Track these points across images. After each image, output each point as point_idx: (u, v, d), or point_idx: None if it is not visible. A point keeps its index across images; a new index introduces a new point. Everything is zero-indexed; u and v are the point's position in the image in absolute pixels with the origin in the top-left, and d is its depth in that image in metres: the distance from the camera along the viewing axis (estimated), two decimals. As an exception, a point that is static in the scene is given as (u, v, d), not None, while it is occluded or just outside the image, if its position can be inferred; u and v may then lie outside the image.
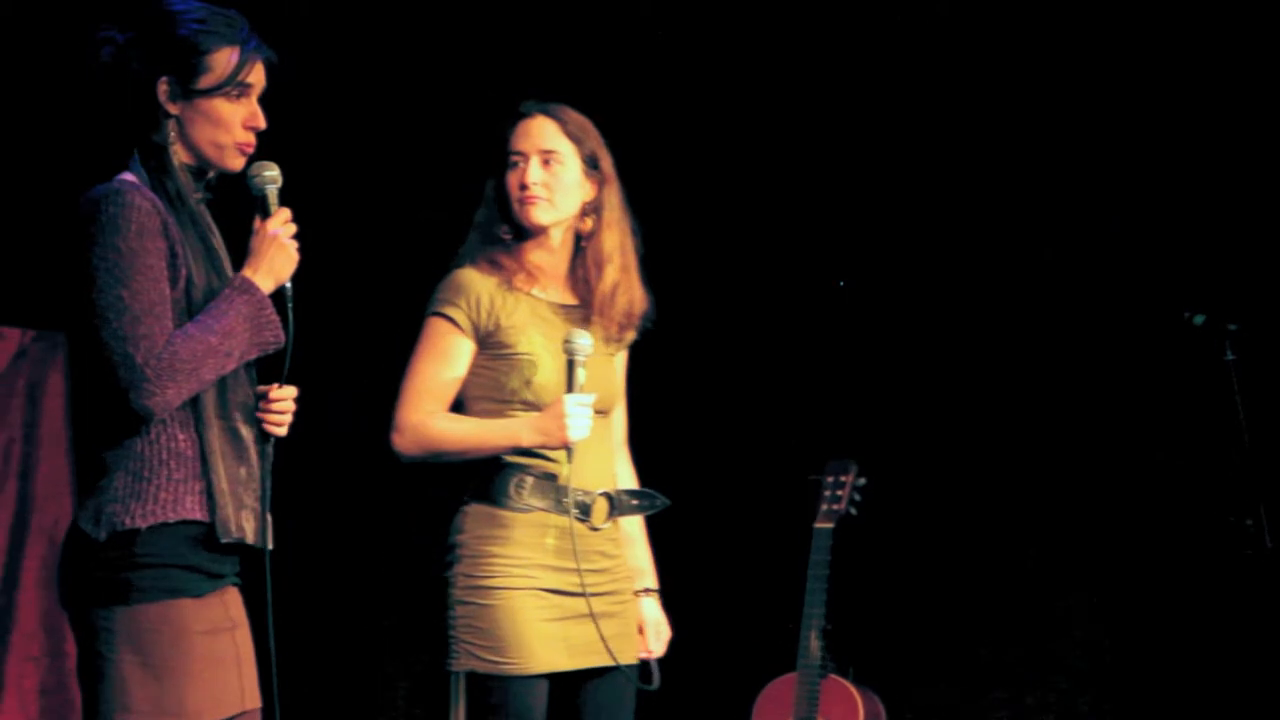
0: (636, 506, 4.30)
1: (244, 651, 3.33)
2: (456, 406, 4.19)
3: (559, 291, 4.27)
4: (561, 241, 4.26)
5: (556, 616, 4.11)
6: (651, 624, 4.34)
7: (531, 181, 4.17)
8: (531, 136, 4.20)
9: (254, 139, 3.37)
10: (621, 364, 4.38)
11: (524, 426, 4.10)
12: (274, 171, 3.38)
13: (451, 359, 4.16)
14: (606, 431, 4.27)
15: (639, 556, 4.37)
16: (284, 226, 3.36)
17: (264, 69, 3.37)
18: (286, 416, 3.41)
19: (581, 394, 4.05)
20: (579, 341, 4.06)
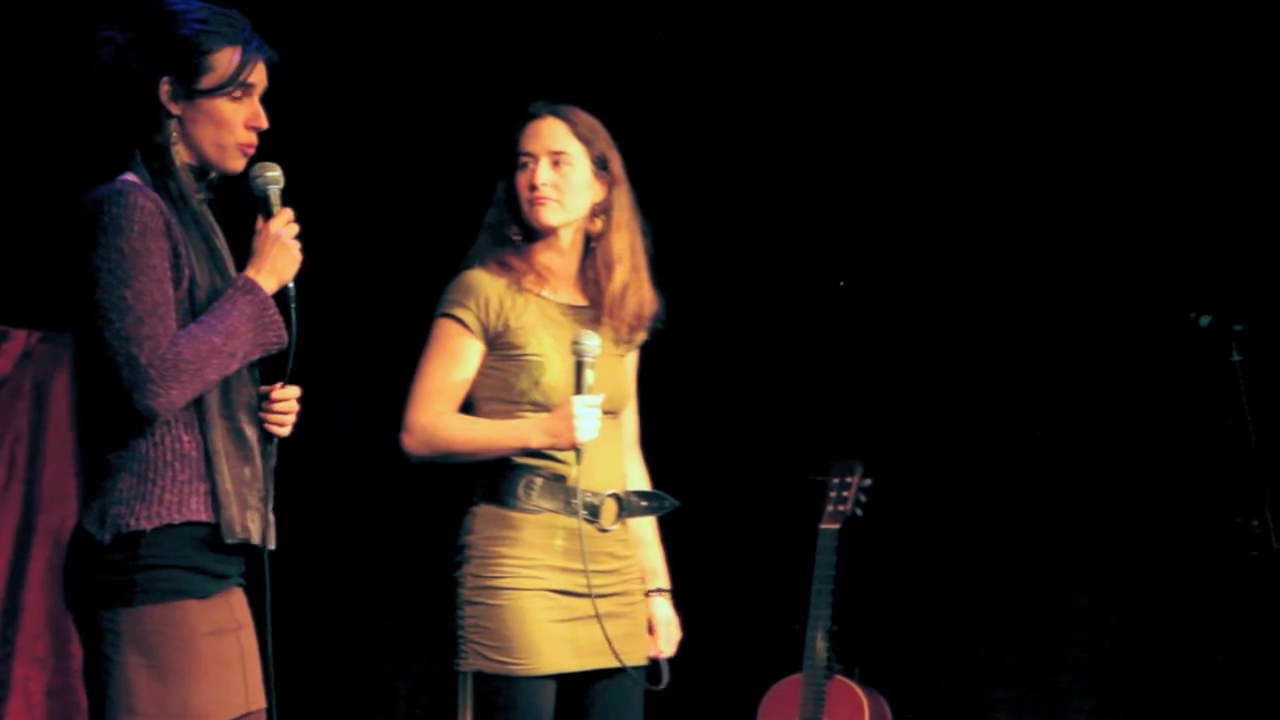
0: (645, 508, 4.30)
1: (249, 652, 3.33)
2: (466, 407, 4.19)
3: (568, 292, 4.28)
4: (571, 242, 4.26)
5: (564, 617, 4.11)
6: (663, 624, 4.34)
7: (541, 182, 4.18)
8: (541, 138, 4.21)
9: (256, 139, 3.37)
10: (632, 365, 4.38)
11: (533, 428, 4.10)
12: (276, 172, 3.38)
13: (460, 360, 4.17)
14: (616, 432, 4.27)
15: (651, 557, 4.37)
16: (286, 227, 3.36)
17: (266, 69, 3.37)
18: (290, 417, 3.41)
19: (590, 395, 4.06)
20: (587, 343, 4.06)
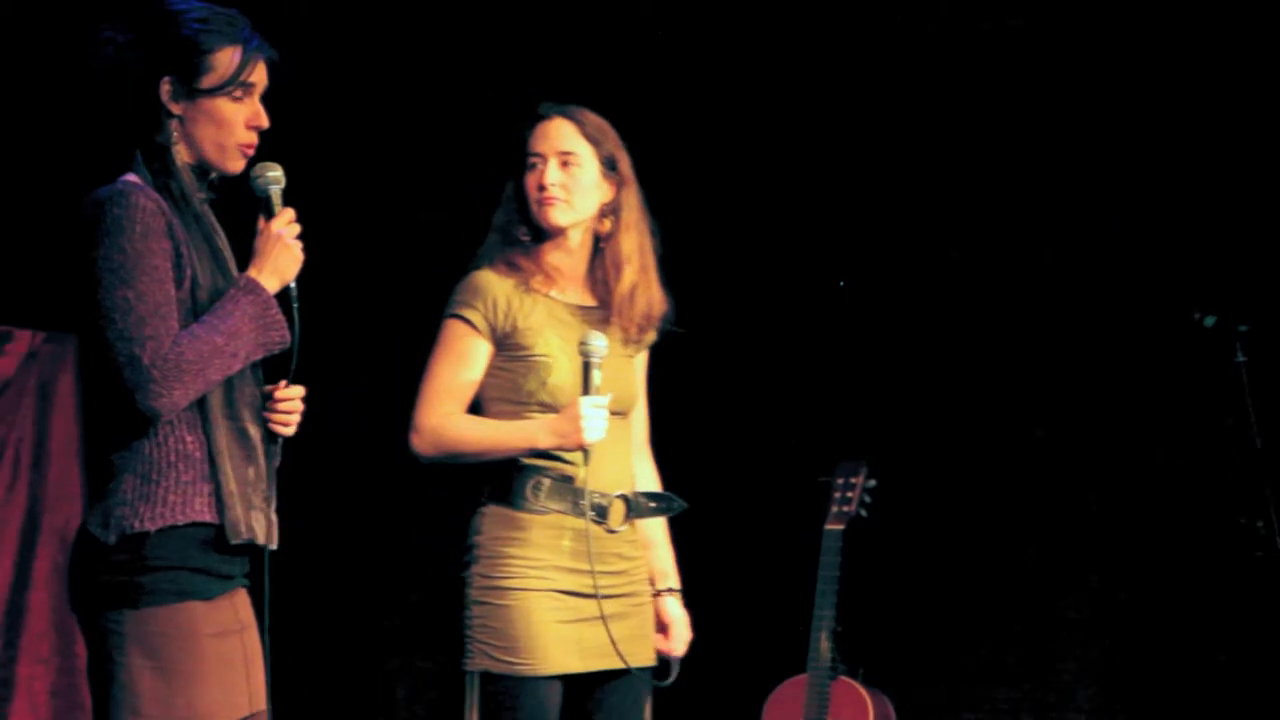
0: (654, 509, 4.30)
1: (252, 653, 3.33)
2: (475, 408, 4.19)
3: (577, 293, 4.28)
4: (580, 243, 4.27)
5: (571, 618, 4.11)
6: (674, 623, 4.34)
7: (549, 183, 4.18)
8: (550, 138, 4.21)
9: (256, 139, 3.36)
10: (641, 365, 4.38)
11: (540, 428, 4.10)
12: (277, 172, 3.38)
13: (469, 361, 4.17)
14: (625, 433, 4.27)
15: (661, 558, 4.37)
16: (288, 226, 3.36)
17: (266, 68, 3.37)
18: (294, 416, 3.41)
19: (597, 396, 4.06)
20: (594, 343, 4.06)
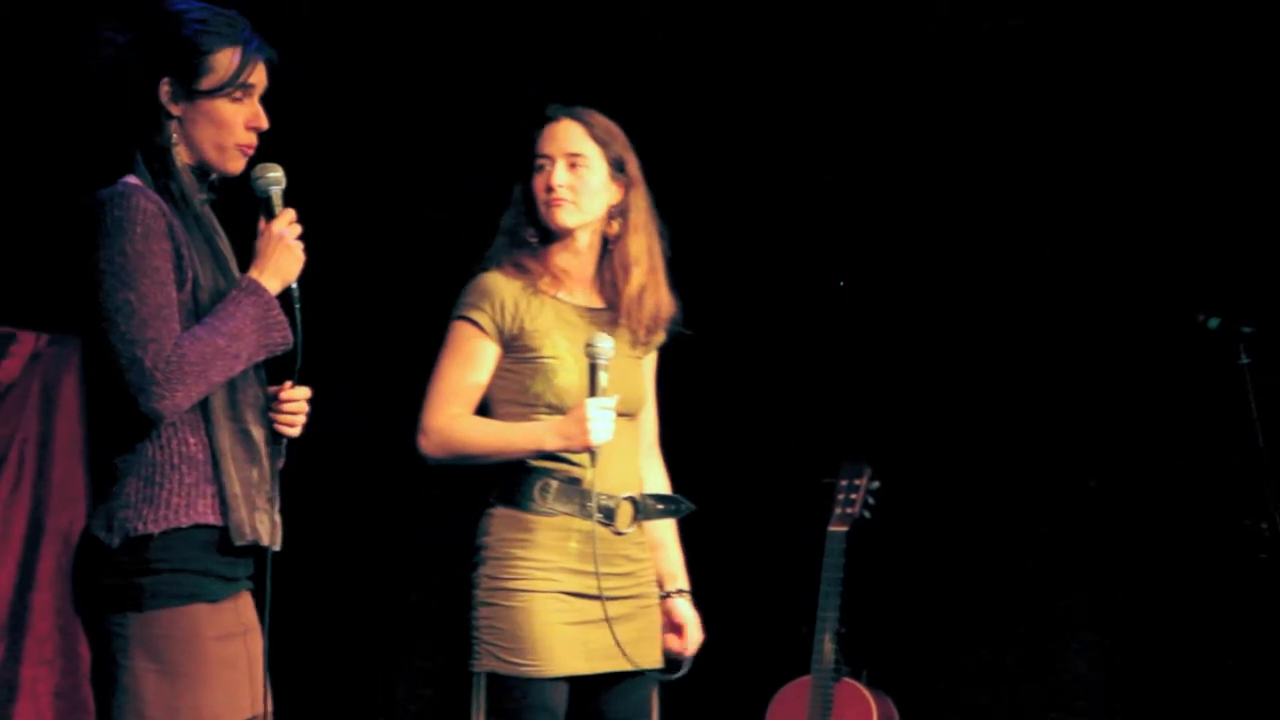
0: (661, 511, 4.30)
1: (255, 656, 3.33)
2: (483, 409, 4.20)
3: (585, 294, 4.28)
4: (588, 244, 4.27)
5: (577, 620, 4.11)
6: (687, 624, 4.33)
7: (557, 184, 4.18)
8: (558, 140, 4.22)
9: (256, 140, 3.36)
10: (650, 367, 4.38)
11: (547, 430, 4.10)
12: (278, 173, 3.38)
13: (476, 362, 4.17)
14: (633, 435, 4.27)
15: (671, 559, 4.37)
16: (289, 227, 3.36)
17: (265, 69, 3.37)
18: (300, 417, 3.41)
19: (604, 397, 4.06)
20: (601, 345, 4.06)
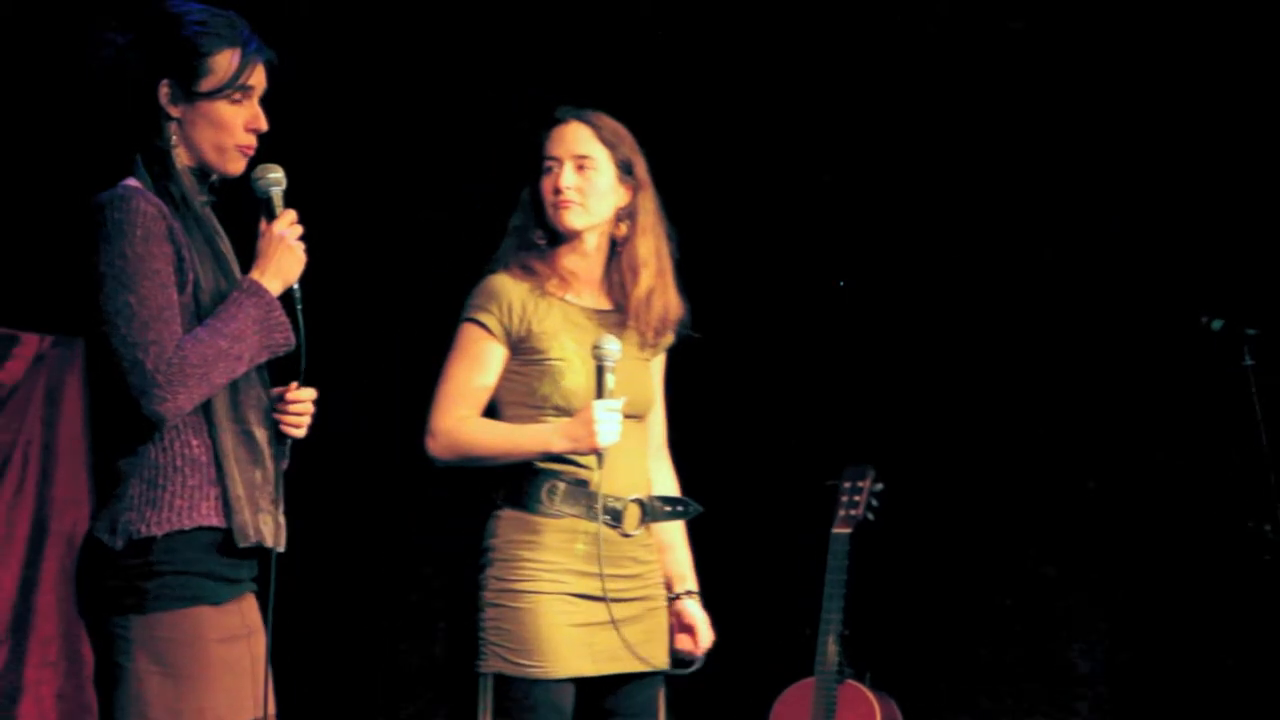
0: (669, 513, 4.29)
1: (258, 657, 3.33)
2: (491, 411, 4.20)
3: (592, 296, 4.28)
4: (596, 246, 4.27)
5: (584, 622, 4.11)
6: (697, 624, 4.32)
7: (565, 186, 4.19)
8: (566, 142, 4.22)
9: (255, 141, 3.36)
10: (658, 369, 4.39)
11: (554, 432, 4.10)
12: (278, 173, 3.37)
13: (484, 364, 4.18)
14: (641, 436, 4.27)
15: (680, 561, 4.36)
16: (290, 228, 3.35)
17: (265, 70, 3.37)
18: (305, 418, 3.40)
19: (611, 399, 4.06)
20: (607, 347, 4.06)
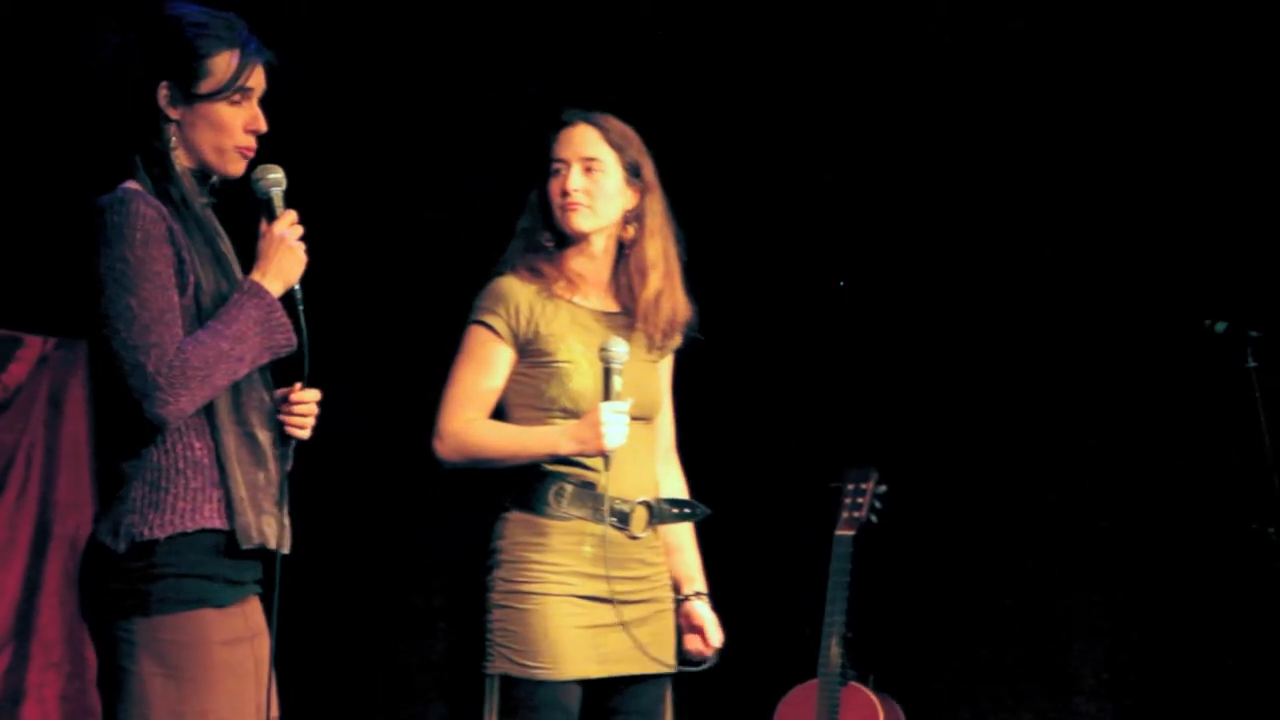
0: (676, 515, 4.29)
1: (261, 660, 3.33)
2: (499, 414, 4.20)
3: (600, 299, 4.28)
4: (603, 249, 4.27)
5: (591, 624, 4.12)
6: (707, 625, 4.32)
7: (572, 188, 4.19)
8: (573, 144, 4.23)
9: (254, 142, 3.36)
10: (666, 370, 4.39)
11: (561, 434, 4.11)
12: (278, 174, 3.37)
13: (491, 367, 4.18)
14: (649, 438, 4.28)
15: (688, 562, 4.37)
16: (291, 229, 3.35)
17: (264, 72, 3.36)
18: (309, 419, 3.40)
19: (618, 401, 4.06)
20: (615, 349, 4.07)
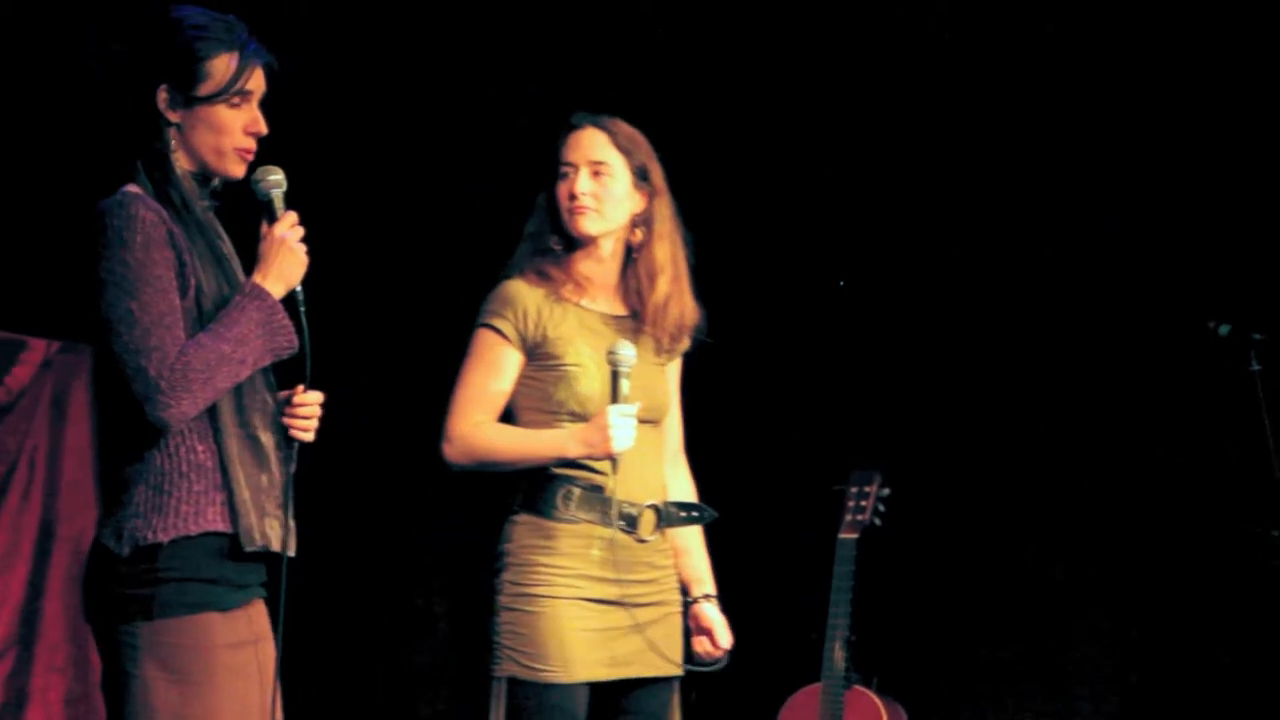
0: (684, 518, 4.29)
1: (266, 664, 3.33)
2: (507, 417, 4.21)
3: (608, 302, 4.29)
4: (611, 252, 4.28)
5: (599, 626, 4.12)
6: (716, 627, 4.32)
7: (580, 192, 4.20)
8: (581, 148, 4.23)
9: (254, 144, 3.36)
10: (674, 373, 4.39)
11: (569, 437, 4.11)
12: (279, 176, 3.37)
13: (499, 370, 4.19)
14: (657, 442, 4.28)
15: (697, 565, 4.37)
16: (291, 230, 3.35)
17: (264, 74, 3.36)
18: (312, 422, 3.40)
19: (626, 404, 4.06)
20: (622, 352, 4.07)
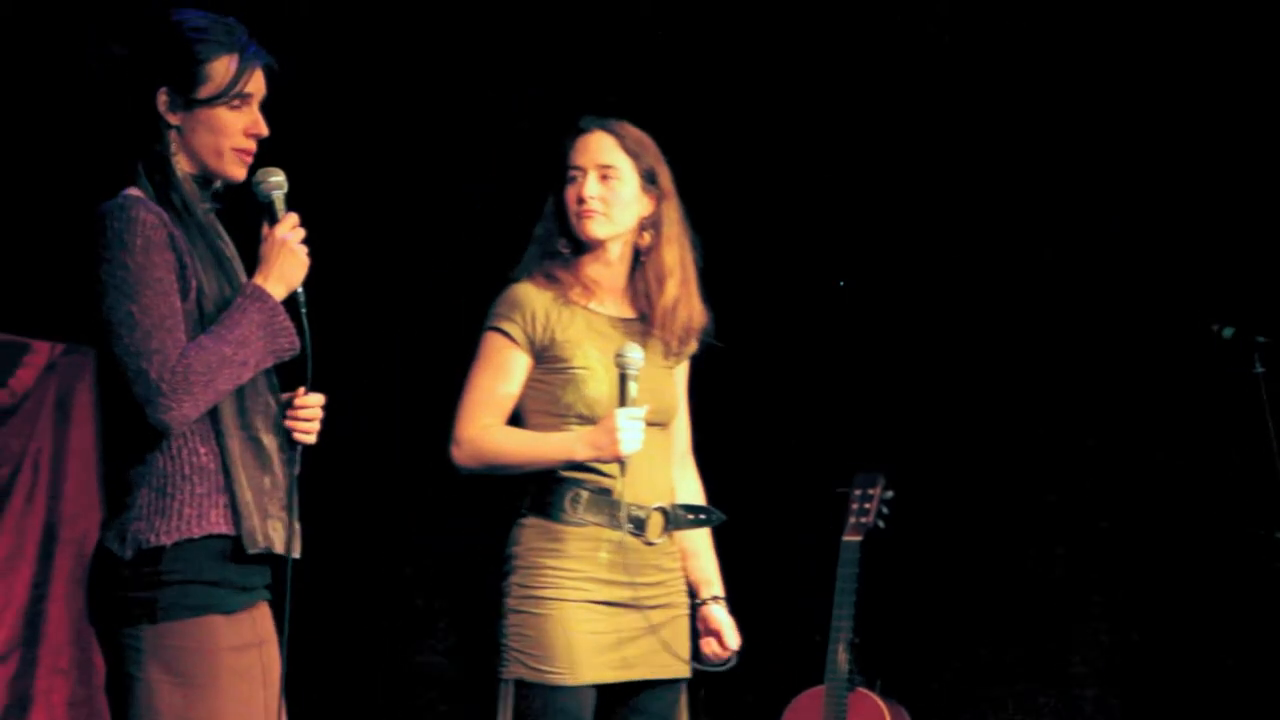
0: (692, 521, 4.29)
1: (270, 666, 3.33)
2: (515, 420, 4.21)
3: (616, 305, 4.29)
4: (619, 255, 4.28)
5: (606, 629, 4.12)
6: (724, 629, 4.33)
7: (588, 195, 4.20)
8: (589, 151, 4.24)
9: (254, 146, 3.36)
10: (682, 376, 4.40)
11: (577, 440, 4.11)
12: (279, 177, 3.37)
13: (507, 373, 4.19)
14: (665, 444, 4.28)
15: (705, 567, 4.37)
16: (292, 232, 3.35)
17: (264, 76, 3.36)
18: (314, 424, 3.40)
19: (633, 407, 4.07)
20: (630, 355, 4.07)
